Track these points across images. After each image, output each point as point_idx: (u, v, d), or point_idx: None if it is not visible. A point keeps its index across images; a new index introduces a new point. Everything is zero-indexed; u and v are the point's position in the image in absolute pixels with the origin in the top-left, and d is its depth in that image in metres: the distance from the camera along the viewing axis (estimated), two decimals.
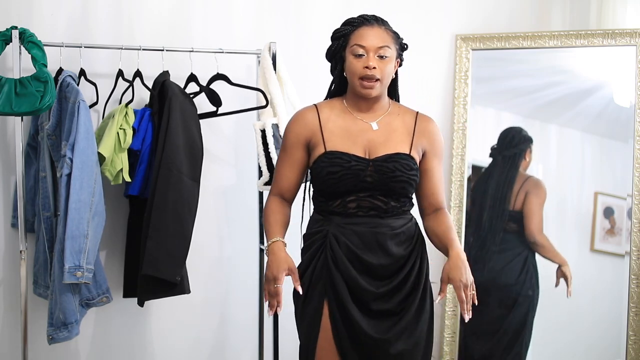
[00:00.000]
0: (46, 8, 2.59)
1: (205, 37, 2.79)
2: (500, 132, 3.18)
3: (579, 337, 3.14)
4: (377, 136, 2.08)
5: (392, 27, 2.12)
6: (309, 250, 2.11)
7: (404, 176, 2.04)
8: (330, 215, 2.09)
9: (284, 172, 2.14)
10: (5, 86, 2.24)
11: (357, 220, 2.06)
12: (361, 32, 2.07)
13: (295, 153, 2.11)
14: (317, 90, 3.00)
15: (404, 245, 2.09)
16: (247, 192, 2.95)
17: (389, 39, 2.07)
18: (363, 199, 2.06)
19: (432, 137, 2.13)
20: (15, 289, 2.62)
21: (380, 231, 2.05)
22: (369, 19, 2.10)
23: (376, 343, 2.03)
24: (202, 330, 2.96)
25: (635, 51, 2.95)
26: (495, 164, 3.18)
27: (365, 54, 2.04)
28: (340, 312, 2.05)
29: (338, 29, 2.14)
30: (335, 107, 2.13)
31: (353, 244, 2.04)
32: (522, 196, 3.12)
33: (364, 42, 2.05)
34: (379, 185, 2.04)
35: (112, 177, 2.44)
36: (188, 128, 2.45)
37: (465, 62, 3.19)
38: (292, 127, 2.13)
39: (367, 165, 2.04)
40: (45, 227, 2.46)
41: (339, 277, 2.04)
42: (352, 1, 3.06)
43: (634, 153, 2.94)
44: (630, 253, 2.94)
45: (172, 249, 2.40)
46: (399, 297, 2.06)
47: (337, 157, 2.04)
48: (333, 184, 2.04)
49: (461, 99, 3.19)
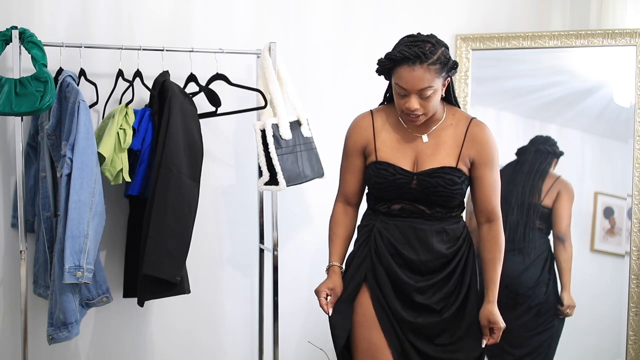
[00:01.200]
0: (46, 8, 2.58)
1: (205, 37, 2.79)
2: (530, 139, 3.16)
3: (579, 336, 3.14)
4: (426, 148, 2.12)
5: (435, 58, 1.98)
6: (358, 242, 2.22)
7: (446, 191, 2.08)
8: (377, 212, 2.18)
9: (346, 178, 2.24)
10: (5, 86, 2.24)
11: (400, 220, 2.14)
12: (402, 73, 1.99)
13: (354, 160, 2.21)
14: (317, 90, 3.02)
15: (448, 244, 2.14)
16: (247, 192, 2.95)
17: (431, 77, 1.98)
18: (407, 205, 2.13)
19: (481, 145, 2.12)
20: (15, 289, 2.62)
21: (421, 227, 2.12)
22: (411, 56, 1.97)
23: (413, 328, 2.10)
24: (202, 330, 2.96)
25: (635, 51, 2.95)
26: (524, 160, 3.14)
27: (407, 94, 2.02)
28: (381, 300, 2.12)
29: (381, 60, 2.05)
30: (391, 116, 2.18)
31: (395, 238, 2.12)
32: (554, 193, 3.10)
33: (405, 85, 2.00)
34: (422, 197, 2.11)
35: (112, 177, 2.44)
36: (188, 128, 2.44)
37: (465, 62, 3.19)
38: (350, 136, 2.21)
39: (411, 179, 2.10)
40: (45, 227, 2.46)
41: (380, 268, 2.13)
42: (352, 1, 3.06)
43: (634, 153, 2.94)
44: (630, 253, 2.94)
45: (172, 249, 2.40)
46: (440, 294, 2.12)
47: (384, 168, 2.11)
48: (379, 192, 2.14)
49: (461, 99, 3.19)
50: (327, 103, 3.04)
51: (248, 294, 3.01)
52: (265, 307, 2.97)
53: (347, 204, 2.26)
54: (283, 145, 2.60)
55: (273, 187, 2.60)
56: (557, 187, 3.10)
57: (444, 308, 2.12)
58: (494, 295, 2.14)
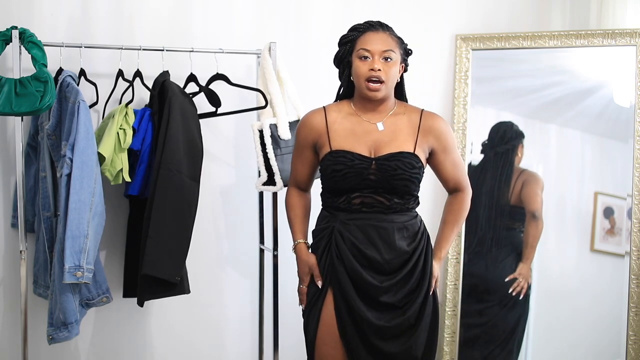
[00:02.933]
0: (46, 8, 2.58)
1: (205, 37, 2.79)
2: (491, 127, 3.18)
3: (579, 337, 3.14)
4: (382, 136, 2.16)
5: (396, 33, 2.20)
6: (318, 248, 2.22)
7: (405, 174, 2.11)
8: (335, 211, 2.19)
9: (297, 167, 2.30)
10: (5, 86, 2.24)
11: (361, 216, 2.15)
12: (366, 37, 2.15)
13: (304, 152, 2.26)
14: (317, 90, 3.01)
15: (408, 240, 2.16)
16: (246, 192, 2.95)
17: (393, 43, 2.15)
18: (367, 196, 2.14)
19: (438, 133, 2.20)
20: (15, 289, 2.62)
21: (383, 226, 2.13)
22: (374, 24, 2.18)
23: (380, 330, 2.13)
24: (202, 330, 2.96)
25: (635, 51, 2.95)
26: (487, 160, 3.18)
27: (370, 57, 2.12)
28: (345, 303, 2.14)
29: (345, 35, 2.21)
30: (343, 110, 2.23)
31: (357, 239, 2.13)
32: (519, 187, 3.13)
33: (369, 46, 2.13)
34: (381, 183, 2.12)
35: (112, 177, 2.44)
36: (188, 128, 2.44)
37: (465, 62, 3.19)
38: (301, 130, 2.26)
39: (370, 163, 2.12)
40: (45, 227, 2.46)
41: (343, 272, 2.14)
42: (351, 1, 3.06)
43: (634, 153, 2.94)
44: (630, 253, 2.94)
45: (172, 249, 2.40)
46: (404, 291, 2.15)
47: (341, 155, 2.14)
48: (338, 181, 2.14)
49: (461, 99, 3.19)
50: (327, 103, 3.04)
51: (248, 294, 3.01)
52: (265, 307, 2.97)
53: (299, 189, 2.32)
54: (282, 146, 2.60)
55: (271, 188, 2.61)
56: (522, 180, 3.13)
57: (406, 305, 2.15)
58: (443, 253, 2.26)
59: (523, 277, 3.10)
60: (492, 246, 3.15)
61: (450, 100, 3.24)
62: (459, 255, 3.18)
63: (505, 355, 3.13)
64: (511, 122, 3.16)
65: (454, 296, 3.17)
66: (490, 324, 3.17)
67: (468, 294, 3.18)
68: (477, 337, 3.18)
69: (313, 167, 2.28)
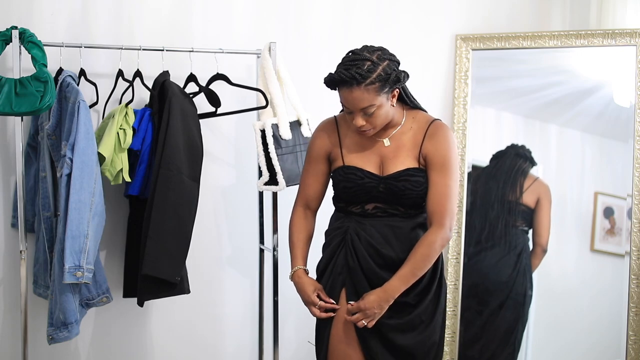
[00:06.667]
0: (46, 8, 2.58)
1: (205, 37, 2.79)
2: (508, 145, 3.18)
3: (579, 336, 3.14)
4: (388, 152, 2.15)
5: (375, 77, 1.99)
6: (330, 246, 2.22)
7: (413, 193, 2.12)
8: (350, 214, 2.19)
9: (308, 182, 2.26)
10: (5, 86, 2.24)
11: (376, 218, 2.15)
12: (342, 94, 2.05)
13: (318, 165, 2.24)
14: (317, 91, 3.01)
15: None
16: (247, 192, 2.95)
17: (370, 96, 2.00)
18: (380, 206, 2.16)
19: (437, 141, 2.12)
20: (15, 289, 2.62)
21: (399, 225, 2.14)
22: (346, 78, 1.99)
23: (393, 328, 2.13)
24: (201, 330, 2.96)
25: (635, 51, 2.95)
26: (503, 161, 3.16)
27: (352, 112, 2.06)
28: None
29: (325, 82, 2.09)
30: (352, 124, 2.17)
31: (373, 238, 2.14)
32: (534, 197, 3.12)
33: (347, 105, 2.06)
34: (391, 200, 2.14)
35: (112, 177, 2.44)
36: (188, 128, 2.44)
37: (465, 62, 3.19)
38: (315, 141, 2.24)
39: (378, 182, 2.13)
40: (45, 227, 2.46)
41: (359, 270, 2.14)
42: (351, 1, 3.06)
43: (634, 153, 2.94)
44: (630, 253, 2.94)
45: (172, 249, 2.40)
46: (416, 290, 2.15)
47: (352, 172, 2.14)
48: (350, 195, 2.16)
49: (461, 99, 3.19)
50: (327, 103, 3.04)
51: (248, 294, 3.01)
52: (265, 307, 2.97)
53: (306, 209, 2.28)
54: (283, 145, 2.60)
55: (273, 187, 2.60)
56: (537, 189, 3.12)
57: (419, 302, 2.16)
58: (390, 286, 2.06)
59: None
60: (493, 246, 3.15)
61: (450, 100, 3.24)
62: (459, 255, 3.18)
63: (505, 355, 3.14)
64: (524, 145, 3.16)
65: (454, 296, 3.17)
66: (490, 323, 3.17)
67: (468, 294, 3.18)
68: (477, 337, 3.17)
69: (325, 181, 2.26)
